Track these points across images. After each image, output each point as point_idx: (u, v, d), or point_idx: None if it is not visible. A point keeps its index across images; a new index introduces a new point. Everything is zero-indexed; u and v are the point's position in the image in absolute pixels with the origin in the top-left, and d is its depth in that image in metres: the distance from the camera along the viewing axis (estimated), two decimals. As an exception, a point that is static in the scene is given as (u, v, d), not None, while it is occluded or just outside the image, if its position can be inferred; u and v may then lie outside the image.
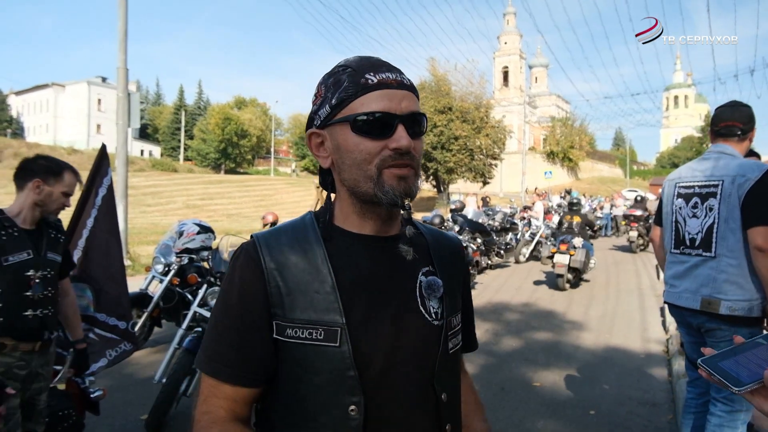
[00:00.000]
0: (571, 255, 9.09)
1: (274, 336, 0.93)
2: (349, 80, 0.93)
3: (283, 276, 0.93)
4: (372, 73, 0.93)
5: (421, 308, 0.99)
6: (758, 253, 2.42)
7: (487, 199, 15.02)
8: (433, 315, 1.00)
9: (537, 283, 10.15)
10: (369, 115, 0.91)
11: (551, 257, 9.50)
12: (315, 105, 0.99)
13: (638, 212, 15.37)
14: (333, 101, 0.94)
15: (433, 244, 1.08)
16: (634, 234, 14.78)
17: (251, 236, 1.01)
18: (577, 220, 10.48)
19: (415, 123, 0.94)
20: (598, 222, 19.67)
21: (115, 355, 3.08)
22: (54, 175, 2.36)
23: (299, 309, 0.92)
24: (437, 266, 1.04)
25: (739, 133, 2.67)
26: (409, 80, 0.97)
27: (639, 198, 17.09)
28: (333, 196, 1.03)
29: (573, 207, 11.43)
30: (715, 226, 2.60)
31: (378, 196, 0.92)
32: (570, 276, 9.28)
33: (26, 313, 2.28)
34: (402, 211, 0.98)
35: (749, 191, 2.48)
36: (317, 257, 0.95)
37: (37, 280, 2.33)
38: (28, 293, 2.29)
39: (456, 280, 1.09)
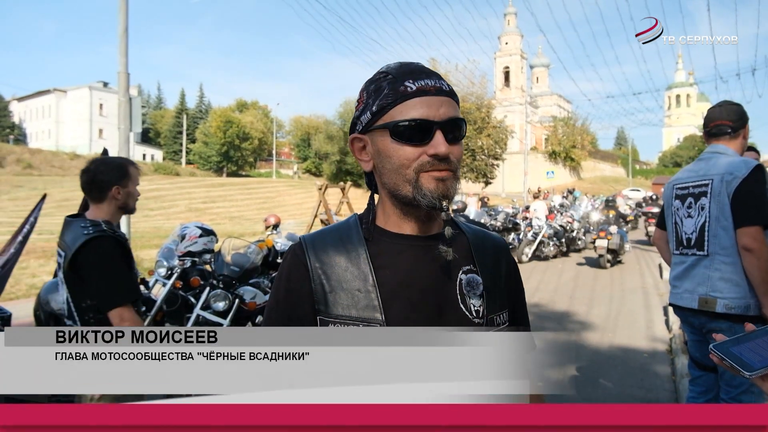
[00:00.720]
0: (608, 239, 11.33)
1: None
2: (389, 87, 0.97)
3: (326, 274, 0.99)
4: (411, 80, 0.96)
5: (462, 306, 1.01)
6: (745, 252, 2.45)
7: (486, 199, 14.99)
8: (474, 313, 1.01)
9: (539, 282, 10.14)
10: (408, 122, 0.94)
11: (593, 242, 11.87)
12: (357, 111, 1.03)
13: (655, 209, 16.88)
14: (374, 108, 0.98)
15: (475, 243, 1.10)
16: (652, 228, 16.49)
17: (299, 238, 1.07)
18: (612, 213, 13.48)
19: (454, 128, 0.97)
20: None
21: None
22: (124, 176, 2.38)
23: (341, 306, 0.97)
24: (478, 265, 1.06)
25: (729, 131, 2.70)
26: (448, 86, 1.00)
27: (654, 197, 18.66)
28: (376, 197, 1.08)
29: (609, 203, 15.15)
30: (707, 224, 2.63)
31: (417, 199, 0.96)
32: (609, 257, 11.48)
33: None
34: (442, 213, 1.00)
35: (736, 190, 2.50)
36: (359, 256, 1.00)
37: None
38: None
39: (500, 279, 1.10)
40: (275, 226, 8.38)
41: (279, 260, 5.64)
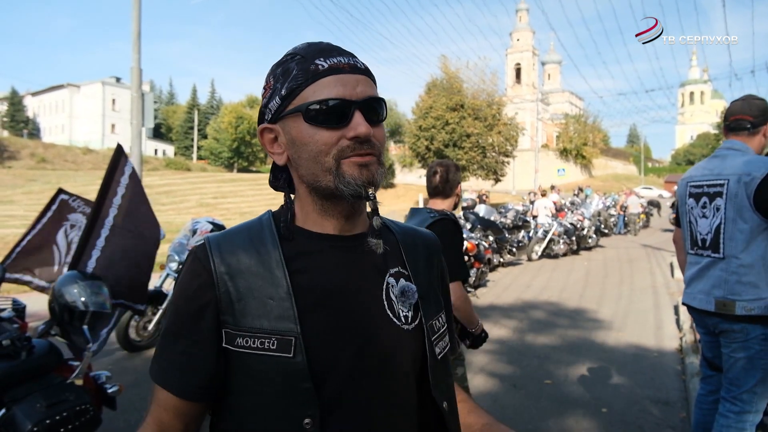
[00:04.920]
0: None
1: (224, 345, 0.87)
2: (298, 68, 0.87)
3: (233, 280, 0.87)
4: (322, 59, 0.87)
5: (389, 313, 0.92)
6: None
7: (485, 197, 14.56)
8: (402, 319, 0.93)
9: (549, 281, 10.11)
10: (322, 103, 0.85)
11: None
12: (265, 98, 0.93)
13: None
14: (283, 92, 0.88)
15: (404, 242, 1.00)
16: None
17: (204, 238, 0.93)
18: None
19: (373, 108, 0.88)
20: (612, 220, 19.55)
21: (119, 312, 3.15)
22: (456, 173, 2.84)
23: (250, 316, 0.85)
24: (410, 266, 0.97)
25: (749, 126, 2.61)
26: (363, 64, 0.91)
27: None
28: (292, 196, 0.97)
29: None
30: (722, 226, 2.54)
31: (340, 189, 0.86)
32: None
33: None
34: (368, 203, 0.90)
35: (757, 191, 2.40)
36: (272, 260, 0.88)
37: None
38: None
39: (434, 280, 1.02)
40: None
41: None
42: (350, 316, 0.88)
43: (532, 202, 18.98)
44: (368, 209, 0.94)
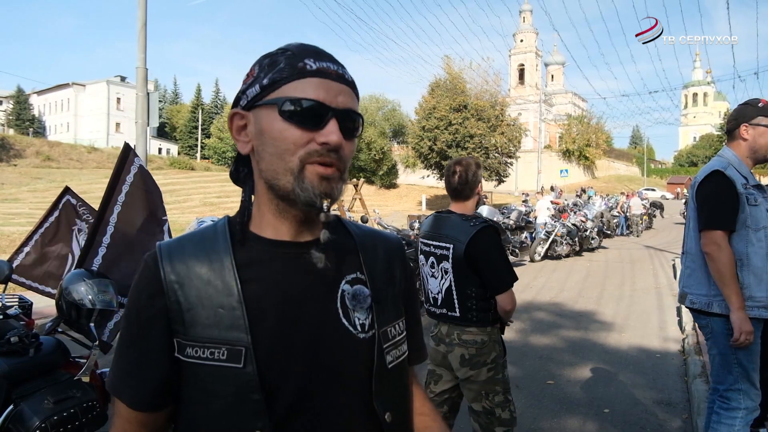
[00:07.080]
0: None
1: (175, 355, 0.86)
2: (286, 62, 0.86)
3: (183, 289, 0.85)
4: (312, 59, 0.86)
5: (344, 321, 0.90)
6: (705, 255, 2.59)
7: (484, 197, 14.52)
8: (359, 327, 0.90)
9: (551, 281, 10.11)
10: (300, 101, 0.83)
11: None
12: (244, 84, 0.90)
13: None
14: (264, 81, 0.86)
15: (363, 246, 0.98)
16: None
17: (156, 245, 0.92)
18: None
19: (349, 121, 0.87)
20: (614, 221, 19.51)
21: None
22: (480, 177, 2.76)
23: (201, 326, 0.84)
24: (367, 272, 0.95)
25: (726, 133, 2.81)
26: (350, 77, 0.90)
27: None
28: (253, 197, 0.95)
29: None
30: (687, 224, 2.84)
31: (295, 192, 0.84)
32: None
33: None
34: (321, 214, 0.88)
35: (695, 193, 2.67)
36: (224, 268, 0.86)
37: None
38: None
39: (393, 286, 0.99)
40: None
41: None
42: (302, 325, 0.87)
43: (524, 201, 18.94)
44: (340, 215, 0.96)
